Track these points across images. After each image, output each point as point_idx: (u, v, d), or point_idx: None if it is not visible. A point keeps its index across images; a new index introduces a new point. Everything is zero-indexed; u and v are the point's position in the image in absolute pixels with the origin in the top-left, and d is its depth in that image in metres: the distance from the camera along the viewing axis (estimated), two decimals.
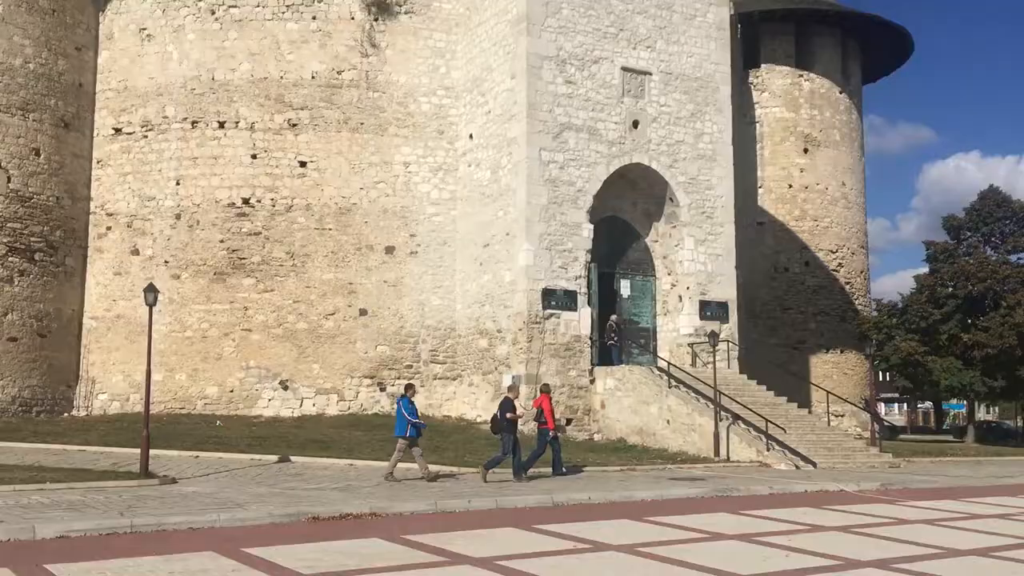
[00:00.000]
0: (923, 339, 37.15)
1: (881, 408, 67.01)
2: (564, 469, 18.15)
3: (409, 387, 18.07)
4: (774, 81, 38.23)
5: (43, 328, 26.41)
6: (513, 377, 24.01)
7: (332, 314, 26.84)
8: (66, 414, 26.68)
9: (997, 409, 71.92)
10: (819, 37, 38.65)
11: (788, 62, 38.32)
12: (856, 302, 39.24)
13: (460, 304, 27.21)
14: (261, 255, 26.89)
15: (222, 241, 26.96)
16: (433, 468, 17.01)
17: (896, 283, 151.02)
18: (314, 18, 27.57)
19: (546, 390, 18.86)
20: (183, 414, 25.95)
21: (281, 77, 27.39)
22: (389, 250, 27.24)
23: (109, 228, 27.85)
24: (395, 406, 16.98)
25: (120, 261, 27.63)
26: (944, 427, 62.07)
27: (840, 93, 39.19)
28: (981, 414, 63.07)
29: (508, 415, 17.16)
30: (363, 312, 26.96)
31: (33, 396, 26.01)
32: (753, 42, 38.11)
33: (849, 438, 25.49)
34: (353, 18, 27.62)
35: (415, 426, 16.71)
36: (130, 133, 28.00)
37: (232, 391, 26.43)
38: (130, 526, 11.04)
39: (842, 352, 38.41)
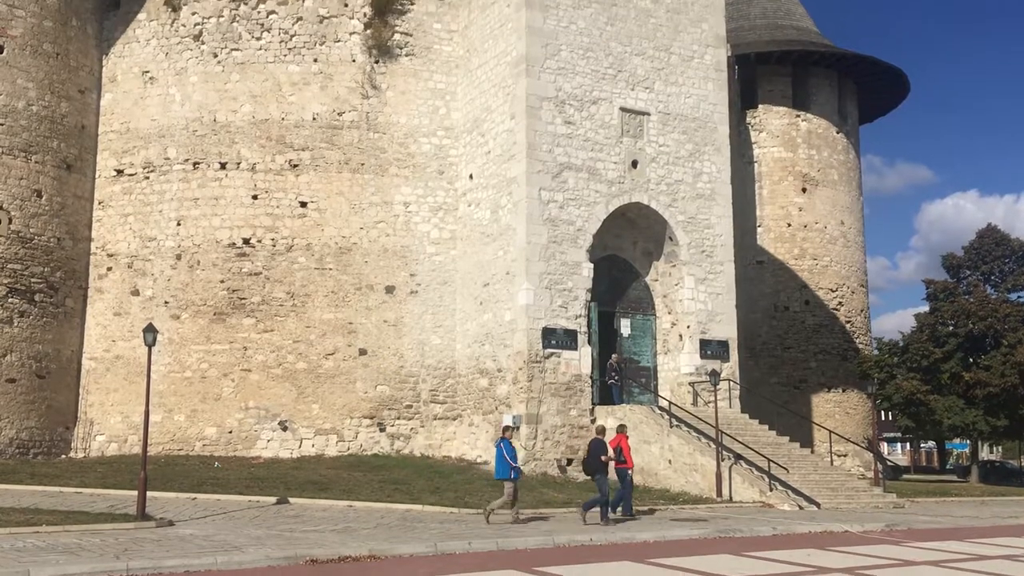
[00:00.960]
0: (925, 378, 37.02)
1: (884, 448, 66.69)
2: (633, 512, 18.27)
3: (507, 429, 18.38)
4: (771, 121, 38.53)
5: (42, 369, 26.33)
6: (513, 417, 23.92)
7: (332, 354, 26.78)
8: (64, 456, 26.50)
9: (1000, 449, 71.51)
10: (815, 78, 39.03)
11: (785, 103, 38.65)
12: (857, 341, 39.18)
13: (460, 343, 27.16)
14: (261, 295, 26.89)
15: (222, 281, 26.98)
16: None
17: (897, 322, 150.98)
18: (315, 61, 27.84)
19: (622, 430, 19.12)
20: (181, 455, 25.78)
21: (282, 118, 27.59)
22: (389, 289, 27.25)
23: (109, 269, 27.89)
24: (495, 448, 17.60)
25: (120, 302, 27.63)
26: (948, 467, 61.64)
27: (837, 133, 39.48)
28: (985, 453, 62.70)
29: (603, 457, 17.39)
30: (363, 352, 26.90)
31: (31, 438, 25.85)
32: (750, 83, 38.48)
33: (852, 478, 25.30)
34: (354, 60, 27.89)
35: (516, 469, 17.01)
36: (132, 174, 28.15)
37: (231, 432, 26.29)
38: (126, 570, 10.91)
39: (844, 391, 38.30)
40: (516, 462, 17.14)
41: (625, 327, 26.84)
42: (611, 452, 18.10)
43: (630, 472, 18.42)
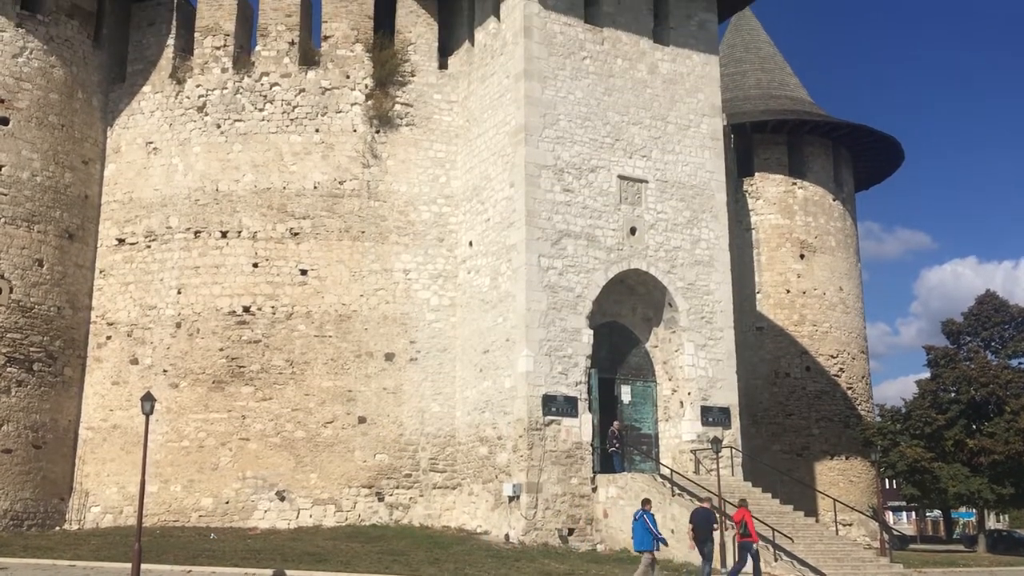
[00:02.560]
0: (928, 445, 36.70)
1: (889, 517, 65.74)
2: None
3: (647, 501, 18.72)
4: (768, 189, 38.91)
5: (38, 439, 26.11)
6: (514, 486, 23.67)
7: (331, 422, 26.59)
8: (58, 528, 26.12)
9: (1007, 517, 70.51)
10: (810, 146, 39.54)
11: (781, 170, 39.08)
12: (859, 407, 38.96)
13: (460, 411, 26.99)
14: (260, 363, 26.81)
15: (221, 349, 26.92)
16: None
17: (898, 388, 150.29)
18: (317, 131, 28.22)
19: (744, 503, 19.52)
20: (177, 527, 25.41)
21: (284, 187, 27.86)
22: (389, 357, 27.18)
23: (109, 337, 27.85)
24: (634, 521, 18.23)
25: (119, 370, 27.53)
26: (954, 536, 60.70)
27: (833, 200, 39.84)
28: (991, 522, 61.82)
29: (715, 527, 17.72)
30: (362, 420, 26.72)
31: (25, 509, 25.51)
32: (747, 151, 38.98)
33: (859, 548, 24.90)
34: (355, 130, 28.27)
35: (660, 540, 17.57)
36: (133, 243, 28.30)
37: (228, 502, 25.95)
38: None
39: (847, 459, 37.93)
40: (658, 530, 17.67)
41: (626, 394, 26.70)
42: (716, 523, 18.65)
43: (755, 546, 18.82)
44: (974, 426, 37.36)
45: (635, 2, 27.80)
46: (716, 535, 19.17)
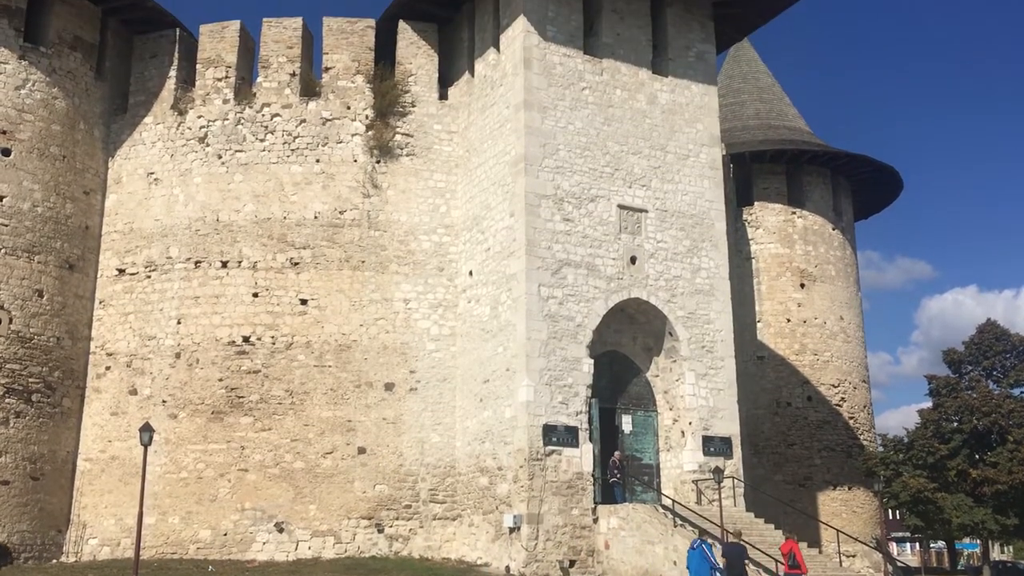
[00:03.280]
0: (931, 475, 36.45)
1: (893, 548, 65.21)
2: None
3: (704, 532, 18.84)
4: (768, 218, 39.00)
5: (36, 471, 25.95)
6: (514, 517, 23.49)
7: (330, 452, 26.44)
8: (55, 560, 25.89)
9: (1011, 549, 69.92)
10: (809, 176, 39.67)
11: (781, 200, 39.19)
12: (861, 437, 38.77)
13: (460, 441, 26.85)
14: (260, 393, 26.71)
15: (221, 380, 26.84)
16: None
17: (901, 418, 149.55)
18: (318, 161, 28.33)
19: (791, 535, 19.56)
20: (175, 559, 25.19)
21: (284, 217, 27.91)
22: (389, 387, 27.09)
23: (108, 368, 27.78)
24: (690, 551, 18.32)
25: (118, 401, 27.42)
26: (959, 567, 60.15)
27: (833, 230, 39.91)
28: (996, 554, 61.26)
29: (747, 562, 17.80)
30: (362, 450, 26.57)
31: (22, 542, 25.30)
32: (746, 181, 39.11)
33: None
34: (356, 161, 28.38)
35: (718, 571, 17.67)
36: (134, 273, 28.31)
37: (226, 534, 25.74)
38: None
39: (850, 489, 37.69)
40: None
41: (627, 423, 26.58)
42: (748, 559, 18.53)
43: None
44: (977, 456, 37.15)
45: (634, 33, 28.01)
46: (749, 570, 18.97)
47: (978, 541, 46.82)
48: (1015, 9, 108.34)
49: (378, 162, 28.48)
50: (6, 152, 26.71)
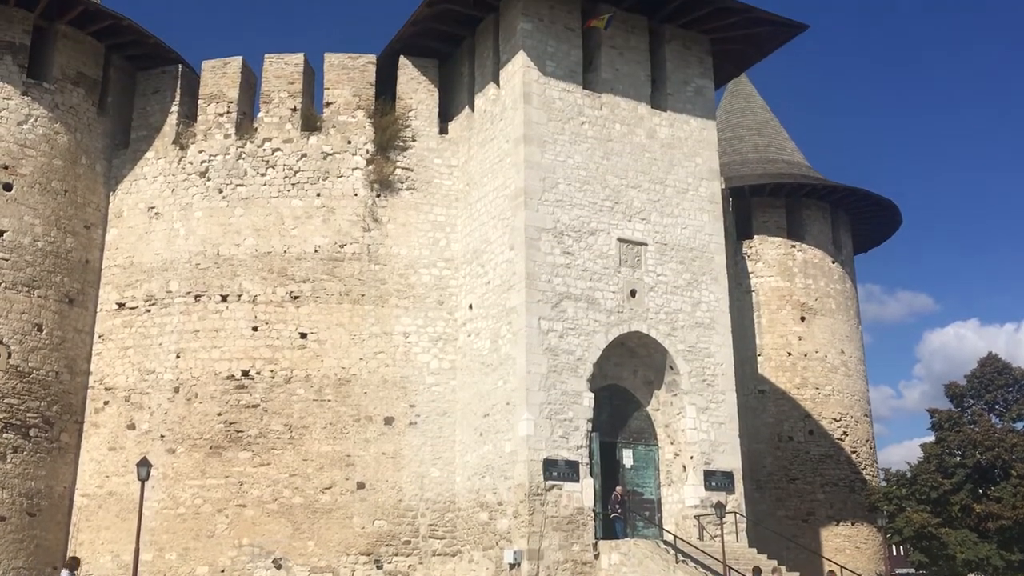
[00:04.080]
0: (935, 510, 36.16)
1: None
2: None
3: (758, 570, 18.33)
4: (767, 251, 39.04)
5: (33, 507, 25.75)
6: (515, 553, 23.27)
7: (329, 487, 26.25)
8: None
9: None
10: (808, 210, 39.78)
11: (780, 233, 39.27)
12: (864, 472, 38.51)
13: (460, 476, 26.66)
14: (259, 428, 26.57)
15: (219, 414, 26.71)
16: None
17: (904, 453, 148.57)
18: (318, 195, 28.42)
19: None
20: None
21: (285, 251, 27.94)
22: (388, 421, 26.96)
23: (107, 402, 27.66)
24: None
25: (116, 436, 27.28)
26: None
27: (833, 263, 39.95)
28: None
29: None
30: (361, 485, 26.38)
31: None
32: (745, 214, 39.21)
33: None
34: (356, 195, 28.47)
35: None
36: (133, 307, 28.29)
37: (223, 571, 25.47)
38: None
39: (853, 524, 37.37)
40: None
41: (627, 458, 26.41)
42: None
43: None
44: (980, 491, 36.89)
45: (633, 69, 28.22)
46: None
47: None
48: (1015, 39, 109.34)
49: (378, 196, 28.57)
50: (8, 187, 26.80)
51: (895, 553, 54.46)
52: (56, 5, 27.67)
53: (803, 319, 38.46)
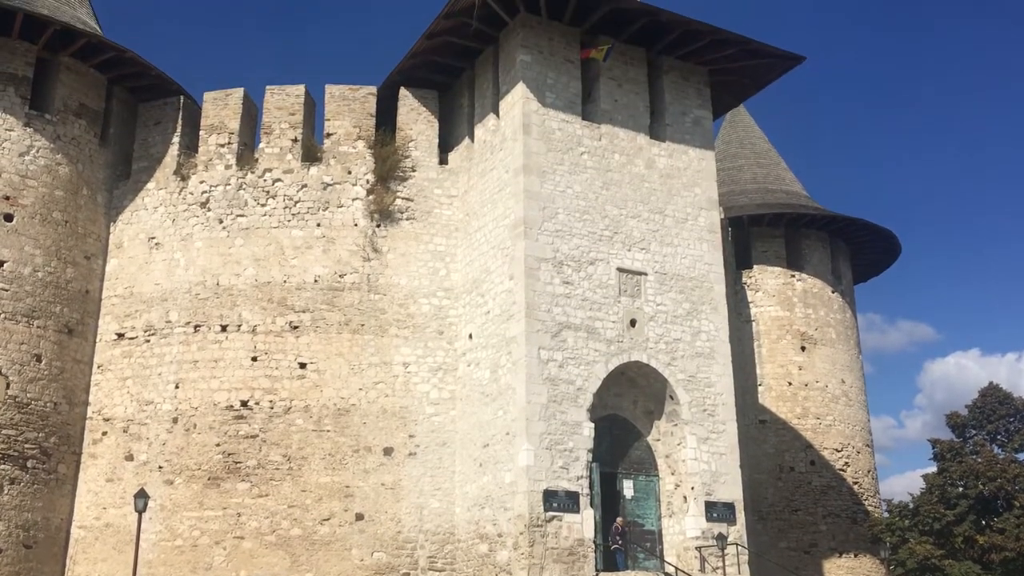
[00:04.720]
0: (938, 541, 35.87)
1: None
2: None
3: None
4: (767, 281, 39.05)
5: (29, 539, 25.55)
6: None
7: (328, 519, 26.06)
8: None
9: None
10: (808, 239, 39.86)
11: (780, 263, 39.31)
12: (866, 503, 38.26)
13: (459, 507, 26.48)
14: (257, 458, 26.43)
15: (218, 445, 26.58)
16: None
17: (906, 483, 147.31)
18: (318, 225, 28.48)
19: None
20: None
21: (284, 281, 27.95)
22: (387, 451, 26.83)
23: (105, 433, 27.54)
24: None
25: (113, 467, 27.13)
26: None
27: (832, 292, 39.95)
28: None
29: None
30: (360, 516, 26.20)
31: None
32: (745, 244, 39.29)
33: None
34: (356, 225, 28.53)
35: None
36: (132, 338, 28.25)
37: None
38: None
39: (856, 556, 37.07)
40: None
41: (628, 488, 26.24)
42: None
43: None
44: (984, 521, 36.62)
45: (632, 100, 28.39)
46: None
47: None
48: (1009, 64, 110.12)
49: (378, 226, 28.63)
50: (9, 217, 26.87)
51: None
52: (59, 37, 27.91)
53: (803, 349, 38.39)
